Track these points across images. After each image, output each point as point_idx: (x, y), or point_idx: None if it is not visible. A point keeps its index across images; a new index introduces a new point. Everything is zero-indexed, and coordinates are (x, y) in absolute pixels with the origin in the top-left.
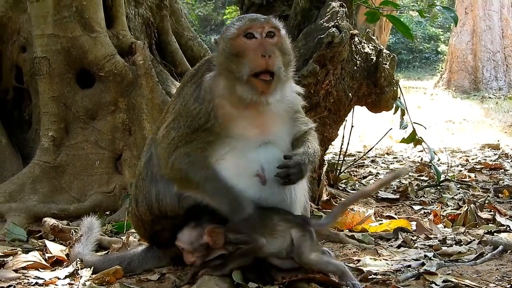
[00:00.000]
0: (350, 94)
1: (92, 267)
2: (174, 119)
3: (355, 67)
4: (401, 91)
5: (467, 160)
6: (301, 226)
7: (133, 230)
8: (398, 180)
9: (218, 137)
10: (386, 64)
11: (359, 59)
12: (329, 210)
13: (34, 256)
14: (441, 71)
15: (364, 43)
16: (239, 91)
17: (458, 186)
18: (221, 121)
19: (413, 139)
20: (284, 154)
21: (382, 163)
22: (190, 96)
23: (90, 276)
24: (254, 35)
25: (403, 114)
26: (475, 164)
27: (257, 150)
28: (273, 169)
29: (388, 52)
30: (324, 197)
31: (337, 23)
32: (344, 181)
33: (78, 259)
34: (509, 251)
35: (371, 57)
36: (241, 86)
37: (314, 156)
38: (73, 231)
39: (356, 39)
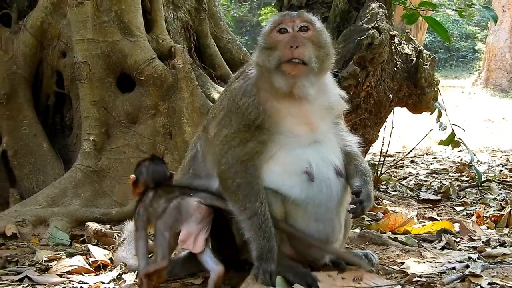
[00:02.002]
0: (390, 95)
1: (136, 271)
2: (224, 116)
3: (395, 68)
4: (439, 91)
5: (507, 160)
6: None
7: None
8: (439, 180)
9: (270, 135)
10: (426, 64)
11: (399, 60)
12: (372, 212)
13: (78, 260)
14: (478, 69)
15: (404, 44)
16: (274, 81)
17: (500, 186)
18: (270, 115)
19: (452, 140)
20: (352, 190)
21: (422, 163)
22: (238, 91)
23: (134, 280)
24: (287, 29)
25: (439, 115)
26: None
27: (306, 147)
28: (321, 168)
29: (428, 52)
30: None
31: (376, 24)
32: (385, 182)
33: (122, 263)
34: None
35: (411, 58)
36: (274, 76)
37: (371, 179)
38: (116, 235)
39: (396, 40)
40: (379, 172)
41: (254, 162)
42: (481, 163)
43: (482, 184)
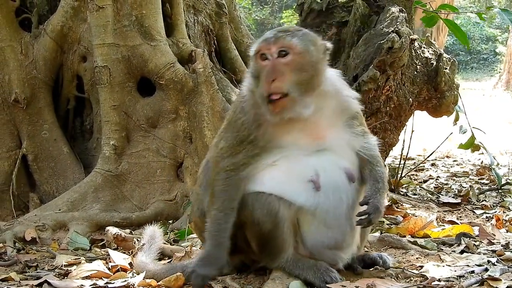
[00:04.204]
0: (410, 99)
1: (144, 272)
2: (225, 128)
3: (415, 72)
4: (459, 94)
5: None
6: None
7: (194, 236)
8: (459, 183)
9: (265, 150)
10: (446, 68)
11: (419, 64)
12: (391, 216)
13: (98, 265)
14: (499, 72)
15: (424, 47)
16: (264, 113)
17: None
18: (265, 133)
19: (472, 144)
20: (360, 201)
21: (442, 166)
22: (238, 105)
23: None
24: (267, 56)
25: (457, 118)
26: None
27: (312, 156)
28: (329, 175)
29: (448, 56)
30: (386, 202)
31: (397, 28)
32: (405, 185)
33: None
34: None
35: (431, 61)
36: (263, 108)
37: (385, 183)
38: (135, 240)
39: (416, 43)
40: (399, 176)
41: (239, 173)
42: (501, 166)
43: (502, 187)
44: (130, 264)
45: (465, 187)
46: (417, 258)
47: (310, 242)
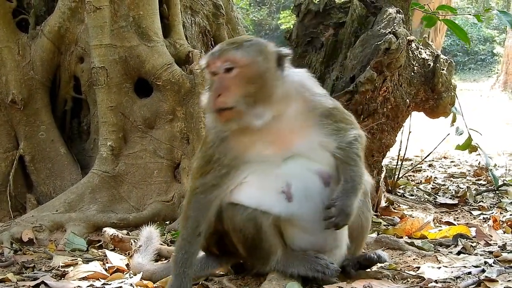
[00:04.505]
0: (407, 100)
1: (141, 274)
2: (200, 146)
3: (412, 73)
4: (456, 96)
5: None
6: None
7: None
8: (456, 184)
9: (232, 167)
10: (443, 69)
11: (416, 65)
12: (389, 217)
13: (95, 266)
14: (497, 72)
15: (421, 48)
16: (211, 120)
17: None
18: (229, 150)
19: (469, 145)
20: (325, 205)
21: (440, 167)
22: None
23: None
24: (215, 71)
25: (454, 120)
26: None
27: (282, 165)
28: (301, 182)
29: (445, 57)
30: (383, 203)
31: (394, 30)
32: (402, 186)
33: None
34: None
35: (428, 62)
36: (214, 120)
37: (355, 183)
38: (132, 241)
39: (413, 45)
40: (396, 176)
41: (208, 196)
42: (498, 167)
43: (499, 188)
44: (127, 265)
45: (462, 188)
46: (414, 259)
47: (294, 247)
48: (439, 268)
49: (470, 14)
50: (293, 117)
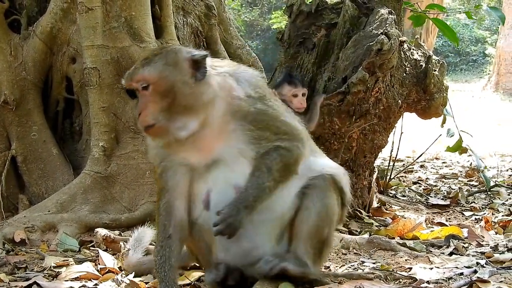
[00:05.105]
0: (399, 101)
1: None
2: None
3: (405, 74)
4: (447, 96)
5: None
6: None
7: None
8: (448, 185)
9: (166, 173)
10: (435, 70)
11: (408, 65)
12: (381, 218)
13: (87, 266)
14: (489, 73)
15: (413, 49)
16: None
17: (509, 191)
18: (160, 158)
19: (459, 147)
20: (217, 211)
21: (431, 168)
22: None
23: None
24: (136, 89)
25: (444, 121)
26: None
27: (206, 173)
28: (218, 192)
29: (437, 58)
30: (375, 204)
31: (386, 30)
32: (394, 187)
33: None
34: None
35: (420, 63)
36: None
37: (250, 196)
38: (122, 243)
39: (405, 45)
40: (388, 177)
41: (162, 199)
42: (490, 167)
43: (491, 189)
44: (120, 268)
45: (454, 189)
46: (406, 260)
47: (218, 254)
48: (431, 268)
49: (460, 12)
50: (216, 122)
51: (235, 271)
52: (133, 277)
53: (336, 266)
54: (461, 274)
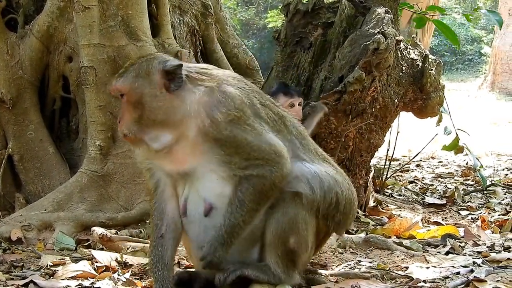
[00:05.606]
0: (396, 100)
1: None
2: None
3: (401, 73)
4: (444, 95)
5: None
6: None
7: None
8: (444, 184)
9: (153, 175)
10: (432, 69)
11: (405, 65)
12: (377, 217)
13: (84, 265)
14: (484, 73)
15: (409, 48)
16: None
17: (505, 190)
18: (146, 161)
19: (456, 146)
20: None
21: (427, 167)
22: None
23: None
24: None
25: (440, 120)
26: None
27: (182, 182)
28: (192, 203)
29: (433, 57)
30: (371, 203)
31: (382, 30)
32: (390, 186)
33: None
34: None
35: (417, 63)
36: None
37: (224, 234)
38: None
39: (402, 45)
40: (384, 176)
41: (152, 199)
42: (486, 167)
43: (487, 188)
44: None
45: (450, 188)
46: (402, 259)
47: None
48: (428, 268)
49: (459, 14)
50: (189, 140)
51: (201, 279)
52: (130, 275)
53: (333, 265)
54: (458, 273)
